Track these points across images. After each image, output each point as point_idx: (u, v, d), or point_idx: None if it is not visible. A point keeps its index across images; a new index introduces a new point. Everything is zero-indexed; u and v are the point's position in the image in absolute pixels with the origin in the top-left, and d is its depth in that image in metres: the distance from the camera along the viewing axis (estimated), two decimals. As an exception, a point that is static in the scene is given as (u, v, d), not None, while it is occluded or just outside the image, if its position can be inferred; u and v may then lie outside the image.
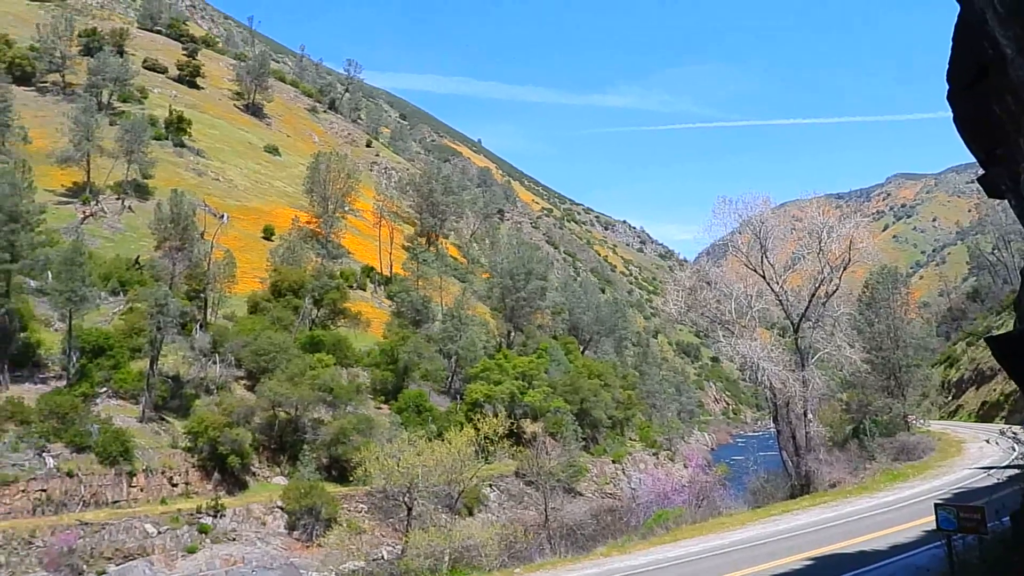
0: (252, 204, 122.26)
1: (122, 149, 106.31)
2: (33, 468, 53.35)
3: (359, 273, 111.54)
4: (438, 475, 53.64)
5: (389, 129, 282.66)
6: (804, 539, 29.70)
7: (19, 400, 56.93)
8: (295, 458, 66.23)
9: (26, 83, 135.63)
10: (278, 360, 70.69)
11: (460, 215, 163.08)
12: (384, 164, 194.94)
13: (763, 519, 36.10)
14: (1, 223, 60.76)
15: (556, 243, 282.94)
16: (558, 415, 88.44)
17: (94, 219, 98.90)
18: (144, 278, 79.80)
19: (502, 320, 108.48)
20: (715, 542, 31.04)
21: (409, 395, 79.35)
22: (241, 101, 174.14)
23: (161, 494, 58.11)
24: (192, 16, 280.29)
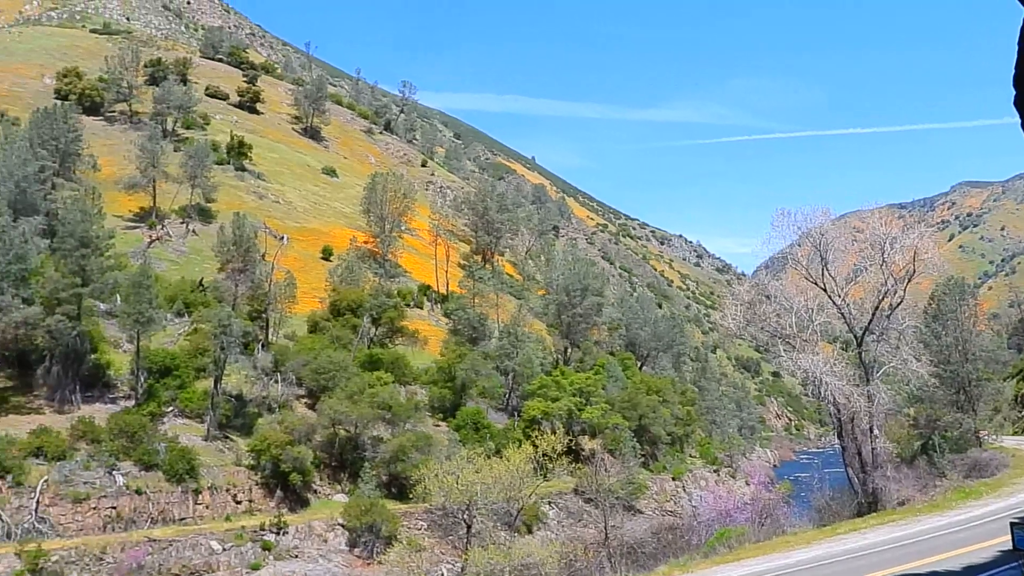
0: (311, 225, 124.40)
1: (186, 174, 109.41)
2: (104, 486, 54.89)
3: (416, 291, 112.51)
4: (497, 492, 53.64)
5: (444, 148, 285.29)
6: (873, 559, 28.91)
7: (90, 419, 58.73)
8: (355, 475, 66.86)
9: (95, 113, 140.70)
10: (338, 378, 71.60)
11: (515, 232, 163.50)
12: (439, 183, 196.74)
13: (829, 538, 35.24)
14: (72, 248, 63.01)
15: (612, 258, 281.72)
16: (616, 432, 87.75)
17: (160, 243, 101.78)
18: (208, 299, 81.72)
19: (558, 336, 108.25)
20: (779, 561, 30.40)
21: (467, 412, 79.60)
22: (299, 125, 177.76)
23: (226, 511, 59.20)
24: (252, 44, 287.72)
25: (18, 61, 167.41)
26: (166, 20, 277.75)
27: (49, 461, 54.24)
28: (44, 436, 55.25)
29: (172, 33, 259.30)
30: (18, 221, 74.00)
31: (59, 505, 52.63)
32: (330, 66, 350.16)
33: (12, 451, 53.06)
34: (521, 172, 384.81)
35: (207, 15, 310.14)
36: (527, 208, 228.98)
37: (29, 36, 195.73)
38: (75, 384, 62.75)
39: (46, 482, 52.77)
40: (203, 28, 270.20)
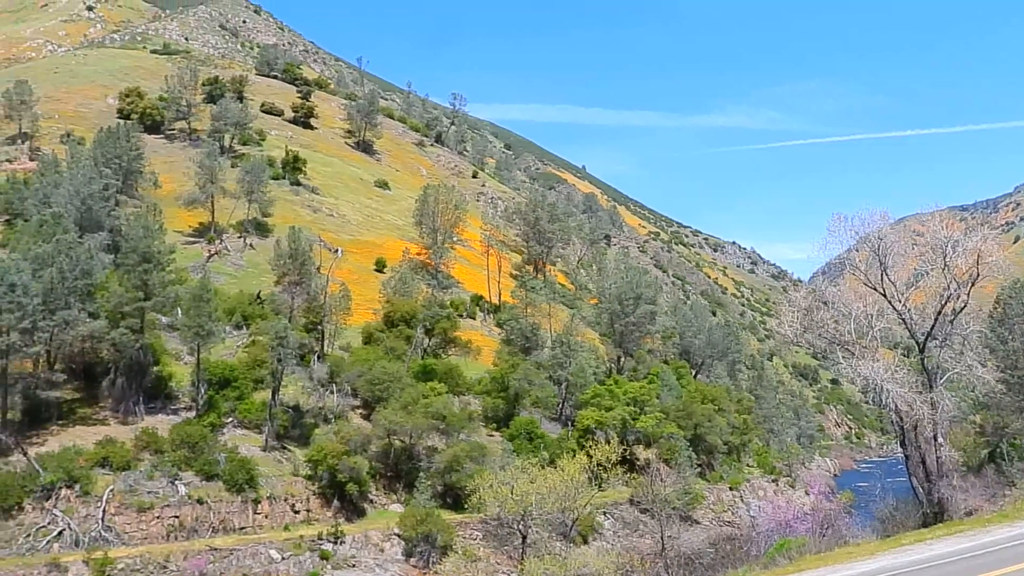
0: (364, 238, 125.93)
1: (243, 189, 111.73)
2: (167, 495, 56.17)
3: (468, 302, 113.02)
4: (552, 502, 53.57)
5: (494, 159, 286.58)
6: (940, 571, 28.10)
7: (153, 430, 60.19)
8: (411, 485, 67.29)
9: (156, 131, 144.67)
10: (392, 389, 72.21)
11: (567, 242, 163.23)
12: (490, 194, 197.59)
13: (894, 549, 34.34)
14: (135, 263, 64.75)
15: (664, 266, 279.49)
16: (672, 441, 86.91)
17: (219, 257, 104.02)
18: (265, 312, 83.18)
19: (611, 345, 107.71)
20: (842, 573, 29.72)
21: (520, 422, 79.59)
22: (352, 139, 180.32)
23: (284, 521, 60.07)
24: (305, 60, 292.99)
25: (83, 83, 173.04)
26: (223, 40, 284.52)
27: (114, 471, 55.73)
28: (109, 447, 56.79)
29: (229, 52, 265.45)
30: (84, 237, 76.35)
31: (124, 514, 54.00)
32: (382, 80, 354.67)
33: (79, 461, 54.65)
34: (572, 181, 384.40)
35: (262, 34, 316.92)
36: (578, 217, 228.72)
37: (93, 58, 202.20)
38: (139, 396, 64.39)
39: (112, 492, 54.19)
40: (258, 46, 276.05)
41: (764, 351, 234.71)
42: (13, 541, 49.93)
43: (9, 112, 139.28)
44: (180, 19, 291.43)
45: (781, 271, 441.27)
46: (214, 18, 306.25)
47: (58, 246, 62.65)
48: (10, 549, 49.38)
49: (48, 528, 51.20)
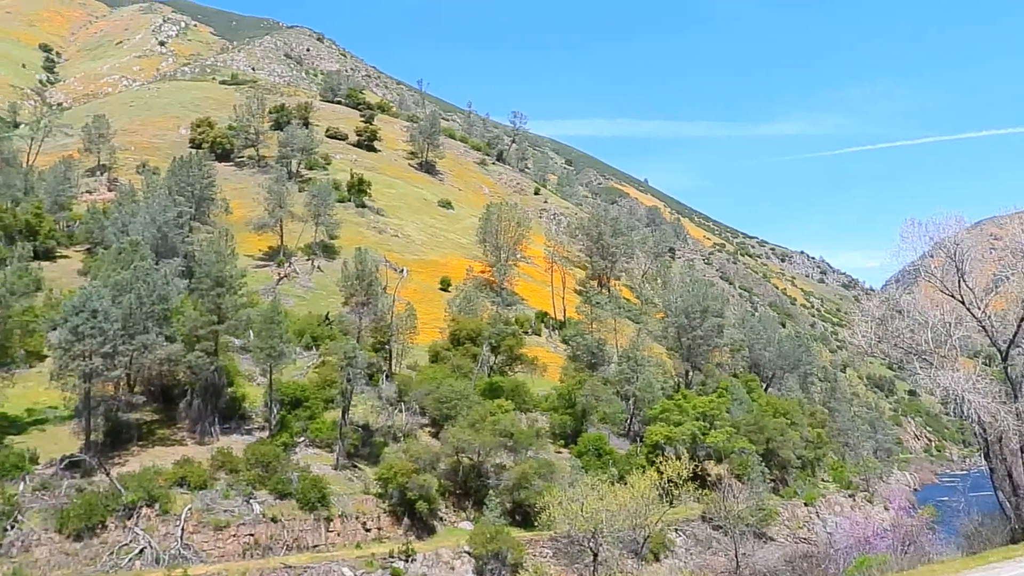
0: (429, 257, 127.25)
1: (310, 213, 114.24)
2: (242, 514, 57.33)
3: (533, 319, 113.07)
4: (622, 520, 53.03)
5: (556, 176, 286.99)
6: (1031, 589, 26.91)
7: (228, 450, 61.57)
8: (480, 503, 67.36)
9: (226, 159, 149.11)
10: (460, 407, 72.55)
11: (631, 256, 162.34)
12: (553, 210, 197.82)
13: (981, 567, 33.06)
14: (209, 288, 66.60)
15: (731, 278, 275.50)
16: (743, 456, 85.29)
17: (288, 279, 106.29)
18: (334, 333, 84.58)
19: (679, 359, 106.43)
20: (926, 591, 28.70)
21: (588, 438, 79.09)
22: (415, 160, 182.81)
23: (356, 538, 60.69)
24: (368, 85, 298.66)
25: (157, 115, 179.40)
26: (288, 68, 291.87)
27: (192, 490, 57.14)
28: (187, 466, 58.29)
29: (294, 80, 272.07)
30: (160, 264, 78.94)
31: (202, 532, 55.27)
32: (442, 101, 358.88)
33: (159, 481, 56.18)
34: (634, 195, 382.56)
35: (326, 61, 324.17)
36: (641, 231, 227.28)
37: (166, 91, 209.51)
38: (214, 416, 66.02)
39: (190, 510, 55.56)
40: (322, 73, 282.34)
41: (837, 362, 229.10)
42: (97, 559, 51.54)
43: (89, 145, 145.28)
44: (247, 50, 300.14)
45: (852, 280, 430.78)
46: (279, 48, 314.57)
47: (136, 273, 64.78)
48: (95, 567, 51.00)
49: (130, 546, 52.68)
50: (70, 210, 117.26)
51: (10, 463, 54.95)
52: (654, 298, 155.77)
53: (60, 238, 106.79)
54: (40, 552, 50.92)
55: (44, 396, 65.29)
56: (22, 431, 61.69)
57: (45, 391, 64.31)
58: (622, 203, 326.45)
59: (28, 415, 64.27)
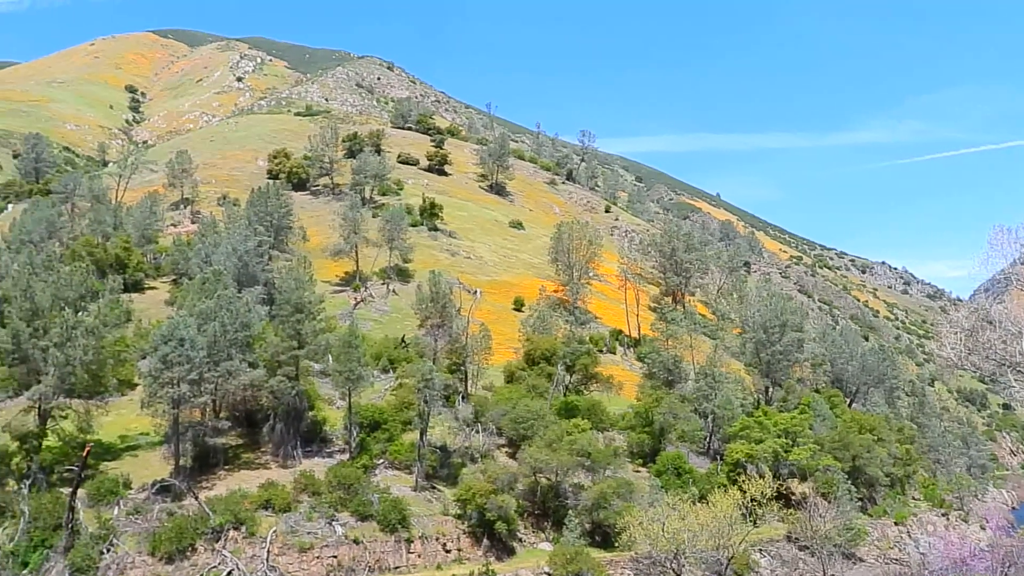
0: (501, 278, 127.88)
1: (384, 238, 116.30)
2: (325, 536, 58.23)
3: (608, 337, 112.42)
4: (705, 540, 52.06)
5: (626, 193, 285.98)
6: None
7: (310, 473, 62.73)
8: (559, 523, 67.02)
9: (302, 188, 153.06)
10: (536, 427, 72.47)
11: (705, 271, 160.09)
12: (624, 227, 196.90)
13: (1089, 588, 31.37)
14: (289, 314, 68.26)
15: (809, 291, 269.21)
16: (828, 473, 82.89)
17: (364, 304, 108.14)
18: (410, 355, 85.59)
19: (758, 375, 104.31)
20: (1030, 614, 27.36)
21: (667, 457, 78.02)
22: (485, 182, 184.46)
23: (436, 560, 60.98)
24: (437, 110, 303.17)
25: (236, 148, 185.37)
26: (360, 97, 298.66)
27: (276, 513, 58.34)
28: (271, 490, 59.57)
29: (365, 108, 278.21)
30: (242, 292, 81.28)
31: (287, 554, 56.32)
32: (511, 123, 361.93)
33: (245, 504, 57.54)
34: (707, 210, 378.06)
35: (395, 88, 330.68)
36: (715, 246, 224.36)
37: (244, 124, 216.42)
38: (296, 440, 67.40)
39: (275, 533, 56.71)
40: (392, 100, 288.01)
41: (924, 376, 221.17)
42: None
43: (172, 180, 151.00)
44: (320, 81, 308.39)
45: (937, 290, 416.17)
46: (351, 78, 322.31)
47: (219, 301, 66.83)
48: (186, 588, 52.39)
49: (218, 568, 54.00)
50: (156, 243, 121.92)
51: (105, 488, 57.12)
52: (730, 313, 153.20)
53: (148, 270, 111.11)
54: (134, 575, 52.61)
55: (136, 423, 67.79)
56: (116, 457, 64.10)
57: (137, 418, 66.79)
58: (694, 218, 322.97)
59: (121, 441, 66.79)
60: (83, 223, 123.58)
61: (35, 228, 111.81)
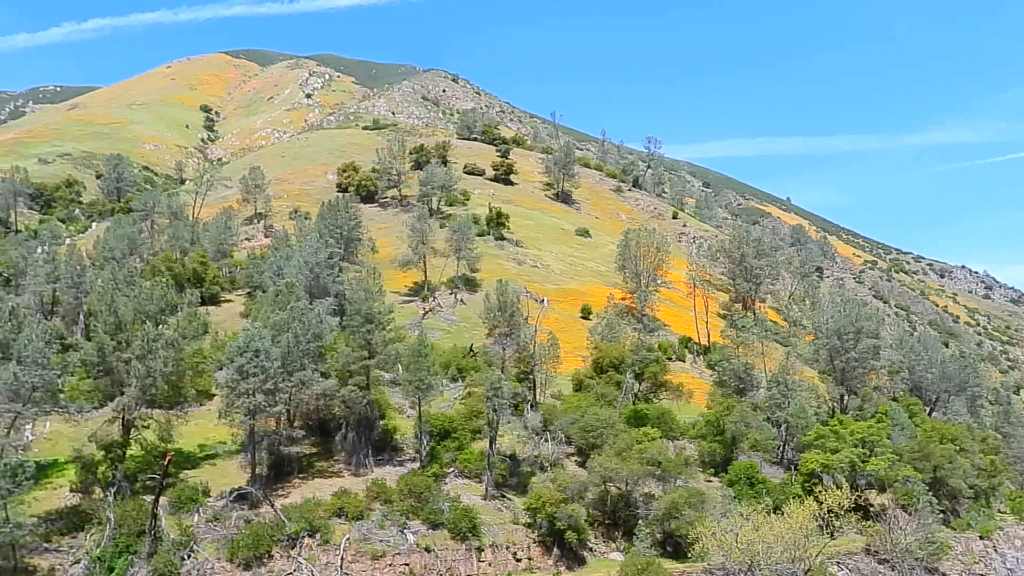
0: (568, 286, 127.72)
1: (452, 248, 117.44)
2: (397, 543, 58.89)
3: (677, 344, 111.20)
4: (780, 552, 51.05)
5: (694, 199, 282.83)
6: None
7: (382, 481, 63.56)
8: (629, 533, 66.44)
9: (370, 200, 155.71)
10: (605, 435, 72.06)
11: (775, 277, 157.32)
12: (692, 234, 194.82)
13: None
14: (359, 324, 69.39)
15: (885, 297, 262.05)
16: (908, 485, 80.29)
17: (432, 313, 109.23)
18: (478, 364, 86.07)
19: (832, 383, 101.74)
20: None
21: (739, 467, 76.67)
22: (551, 191, 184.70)
23: (507, 568, 61.05)
24: (502, 120, 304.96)
25: (306, 163, 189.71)
26: (426, 109, 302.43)
27: (349, 520, 59.28)
28: (344, 498, 60.54)
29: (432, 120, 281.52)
30: (313, 303, 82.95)
31: (360, 562, 57.13)
32: (576, 131, 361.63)
33: (319, 512, 58.63)
34: (777, 214, 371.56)
35: (460, 100, 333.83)
36: (786, 251, 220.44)
37: (314, 140, 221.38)
38: (368, 448, 68.37)
39: (348, 540, 57.59)
40: (458, 112, 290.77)
41: (1009, 384, 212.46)
42: (265, 587, 54.11)
43: (246, 196, 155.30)
44: (387, 95, 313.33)
45: (1022, 295, 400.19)
46: (416, 91, 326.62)
47: (292, 313, 68.35)
48: (263, 594, 53.52)
49: (294, 575, 55.05)
50: (231, 257, 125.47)
51: (186, 496, 58.88)
52: (803, 320, 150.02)
53: (223, 283, 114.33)
54: (214, 580, 54.02)
55: (214, 432, 69.70)
56: (195, 466, 65.99)
57: (214, 427, 68.68)
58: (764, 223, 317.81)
59: (200, 450, 68.75)
60: (162, 239, 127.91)
61: (117, 245, 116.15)
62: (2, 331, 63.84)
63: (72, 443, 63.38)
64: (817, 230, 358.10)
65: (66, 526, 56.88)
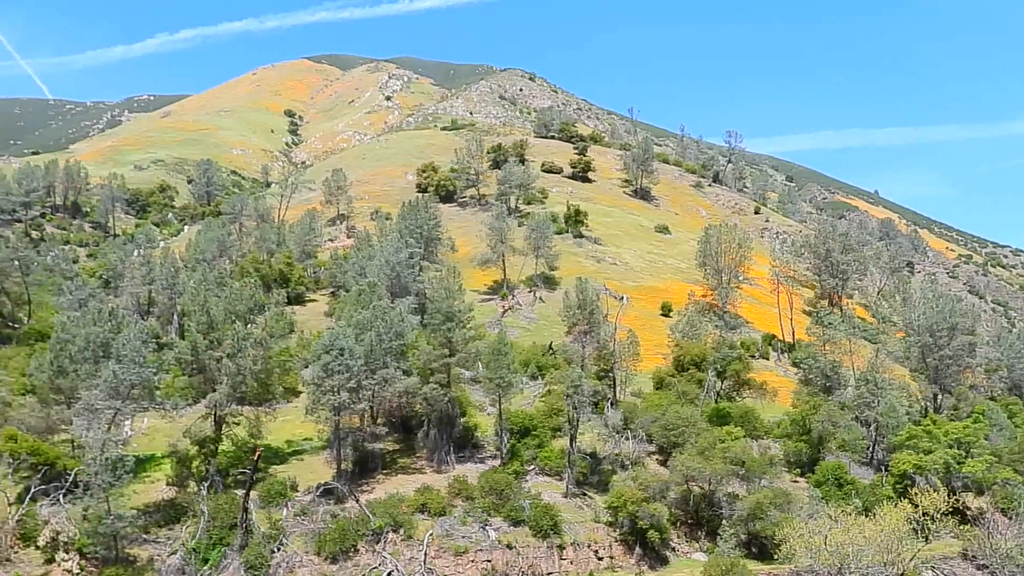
0: (648, 283, 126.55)
1: (530, 246, 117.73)
2: (479, 540, 59.40)
3: (760, 342, 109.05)
4: (871, 555, 49.59)
5: (776, 193, 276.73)
6: None
7: (463, 478, 64.18)
8: (713, 533, 65.51)
9: (449, 200, 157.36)
10: (687, 434, 71.18)
11: (863, 272, 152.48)
12: (775, 229, 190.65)
13: None
14: (440, 323, 70.22)
15: (981, 292, 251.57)
16: (1008, 488, 76.87)
17: (512, 311, 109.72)
18: (557, 362, 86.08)
19: (924, 382, 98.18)
20: None
21: (827, 467, 74.69)
22: (629, 187, 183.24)
23: (588, 567, 60.89)
24: (579, 118, 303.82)
25: (386, 164, 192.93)
26: (503, 109, 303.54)
27: (432, 516, 60.08)
28: (427, 494, 61.37)
29: (509, 119, 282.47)
30: (395, 302, 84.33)
31: (443, 557, 57.84)
32: (654, 127, 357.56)
33: (402, 508, 59.61)
34: (864, 208, 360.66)
35: (537, 98, 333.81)
36: (874, 245, 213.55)
37: (393, 141, 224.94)
38: (449, 445, 69.13)
39: (431, 536, 58.37)
40: (535, 111, 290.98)
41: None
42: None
43: (329, 198, 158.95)
44: (464, 96, 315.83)
45: None
46: (494, 90, 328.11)
47: (375, 312, 69.62)
48: (349, 587, 54.68)
49: (379, 569, 56.10)
50: (315, 257, 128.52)
51: (275, 491, 60.62)
52: (892, 316, 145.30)
53: (308, 283, 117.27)
54: (302, 574, 55.60)
55: (300, 429, 71.58)
56: (283, 461, 67.90)
57: (301, 424, 70.54)
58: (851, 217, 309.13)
59: (288, 446, 70.66)
60: (250, 241, 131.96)
61: (208, 247, 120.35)
62: (102, 331, 66.88)
63: (168, 438, 66.04)
64: (907, 223, 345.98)
65: (163, 518, 59.35)
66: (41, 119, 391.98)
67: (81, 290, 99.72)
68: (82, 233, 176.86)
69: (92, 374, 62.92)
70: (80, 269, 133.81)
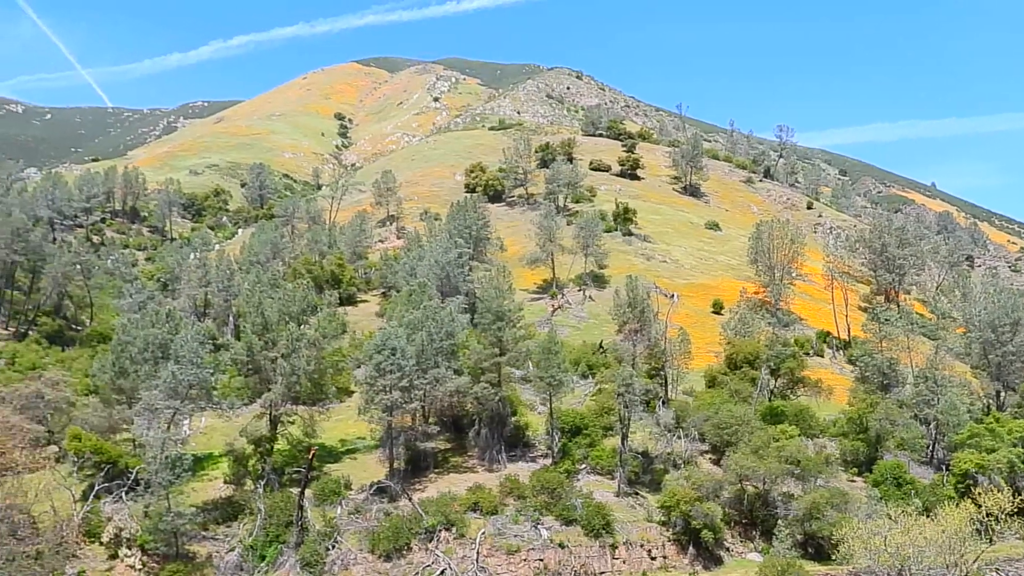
0: (699, 281, 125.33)
1: (579, 245, 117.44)
2: (531, 539, 59.41)
3: (814, 339, 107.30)
4: (933, 556, 48.39)
5: (829, 188, 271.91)
6: None
7: (515, 477, 64.26)
8: (767, 533, 64.62)
9: (497, 200, 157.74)
10: (740, 433, 70.28)
11: (921, 267, 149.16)
12: (828, 224, 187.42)
13: None
14: (490, 322, 70.38)
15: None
16: (1077, 487, 74.49)
17: (561, 310, 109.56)
18: (608, 360, 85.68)
19: (986, 379, 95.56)
20: None
21: (885, 466, 73.14)
22: (679, 184, 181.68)
23: (641, 567, 60.52)
24: (627, 115, 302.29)
25: (435, 165, 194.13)
26: (550, 108, 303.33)
27: (484, 515, 60.22)
28: (479, 493, 61.57)
29: (556, 118, 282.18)
30: (445, 302, 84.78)
31: (495, 556, 57.96)
32: (703, 123, 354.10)
33: (454, 507, 59.88)
34: (920, 201, 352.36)
35: (585, 96, 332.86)
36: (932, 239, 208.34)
37: (441, 142, 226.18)
38: (500, 444, 69.25)
39: (483, 535, 58.54)
40: (582, 109, 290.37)
41: None
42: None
43: (379, 199, 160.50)
44: (511, 95, 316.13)
45: None
46: (541, 89, 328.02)
47: (425, 312, 70.10)
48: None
49: (432, 568, 56.46)
50: (366, 258, 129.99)
51: (329, 489, 61.39)
52: (952, 312, 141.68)
53: (359, 284, 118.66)
54: (357, 571, 56.20)
55: (353, 428, 72.39)
56: (337, 460, 68.70)
57: (354, 423, 71.33)
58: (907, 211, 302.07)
59: (341, 445, 71.50)
60: (302, 243, 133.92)
61: (262, 249, 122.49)
62: (161, 333, 68.49)
63: (225, 437, 67.27)
64: (966, 216, 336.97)
65: (221, 515, 60.50)
66: (101, 127, 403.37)
67: (140, 293, 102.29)
68: (140, 237, 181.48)
69: (152, 375, 64.53)
70: (139, 272, 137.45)
